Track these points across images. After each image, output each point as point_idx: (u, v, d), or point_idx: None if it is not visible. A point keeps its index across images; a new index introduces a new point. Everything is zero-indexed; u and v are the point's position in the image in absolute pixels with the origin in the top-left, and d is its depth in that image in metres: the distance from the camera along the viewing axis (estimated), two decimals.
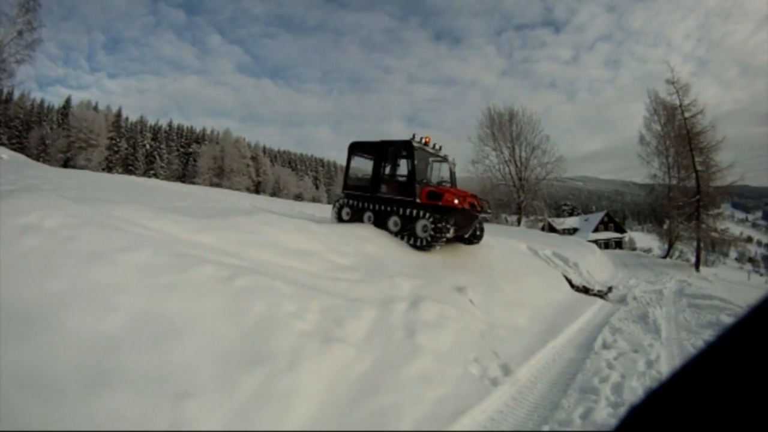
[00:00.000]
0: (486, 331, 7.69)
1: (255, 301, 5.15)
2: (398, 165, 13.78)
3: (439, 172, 14.31)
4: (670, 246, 35.30)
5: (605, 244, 60.72)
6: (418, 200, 12.14)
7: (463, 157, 37.39)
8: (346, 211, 14.03)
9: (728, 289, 20.81)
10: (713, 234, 32.61)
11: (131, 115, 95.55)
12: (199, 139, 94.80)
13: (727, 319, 10.88)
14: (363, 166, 14.33)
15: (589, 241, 38.37)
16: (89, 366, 3.54)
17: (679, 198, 32.81)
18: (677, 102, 33.85)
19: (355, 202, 13.67)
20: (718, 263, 65.27)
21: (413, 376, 5.32)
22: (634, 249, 62.02)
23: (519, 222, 41.76)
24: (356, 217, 13.51)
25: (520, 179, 41.47)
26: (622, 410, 4.77)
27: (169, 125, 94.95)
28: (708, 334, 9.83)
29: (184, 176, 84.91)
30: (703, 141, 32.42)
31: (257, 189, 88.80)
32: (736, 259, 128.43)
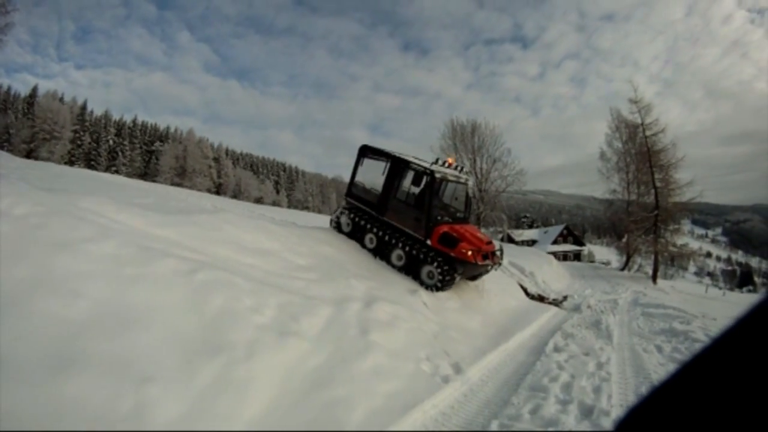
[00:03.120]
0: (438, 332, 8.34)
1: (215, 294, 5.59)
2: (414, 192, 12.74)
3: (453, 192, 13.69)
4: (628, 259, 37.32)
5: (564, 256, 62.82)
6: (429, 242, 11.53)
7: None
8: (346, 221, 13.29)
9: (684, 300, 22.08)
10: (672, 248, 35.14)
11: (96, 109, 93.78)
12: (163, 137, 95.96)
13: (680, 327, 11.85)
14: (372, 174, 13.44)
15: (548, 252, 39.84)
16: (56, 350, 3.88)
17: (637, 213, 35.12)
18: (639, 121, 36.16)
19: (358, 218, 12.88)
20: (677, 277, 68.02)
21: (366, 371, 5.79)
22: (593, 261, 63.80)
23: None
24: (357, 235, 12.88)
25: (480, 190, 42.70)
26: (571, 407, 5.35)
27: (134, 122, 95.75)
28: (660, 341, 10.81)
29: (146, 174, 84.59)
30: (663, 159, 34.78)
31: (218, 191, 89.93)
32: (695, 273, 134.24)
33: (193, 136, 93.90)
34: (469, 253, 11.07)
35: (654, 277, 34.18)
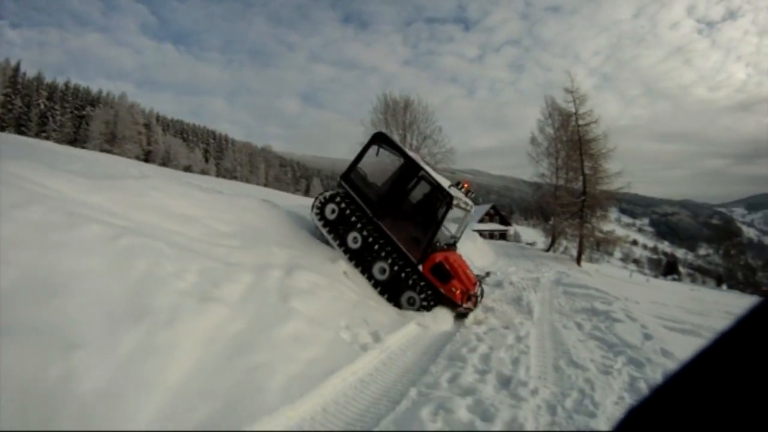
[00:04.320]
0: (358, 302, 8.78)
1: (138, 260, 5.75)
2: (422, 207, 12.28)
3: (457, 217, 13.20)
4: (553, 240, 39.15)
5: (490, 235, 64.63)
6: (420, 267, 10.81)
7: (354, 140, 38.55)
8: (332, 208, 11.92)
9: (607, 283, 23.40)
10: (597, 234, 37.53)
11: (29, 71, 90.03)
12: (95, 101, 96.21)
13: (601, 307, 12.65)
14: (378, 168, 12.78)
15: (474, 230, 40.58)
16: None
17: (565, 197, 37.58)
18: (573, 110, 38.42)
19: (347, 207, 11.71)
20: (602, 261, 70.79)
21: (286, 337, 6.09)
22: (519, 242, 65.50)
23: None
24: (341, 227, 11.71)
25: None
26: (489, 377, 5.65)
27: (66, 85, 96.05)
28: (580, 318, 11.65)
29: (76, 140, 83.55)
30: (594, 148, 37.26)
31: (147, 158, 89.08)
32: (620, 259, 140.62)
33: (125, 101, 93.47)
34: (458, 293, 10.67)
35: (578, 260, 36.02)
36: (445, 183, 11.74)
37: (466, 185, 12.51)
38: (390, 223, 11.32)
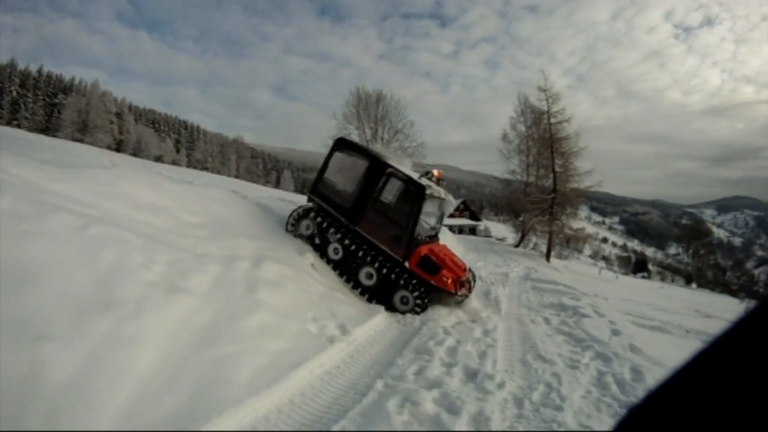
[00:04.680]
0: (325, 294, 8.90)
1: (106, 250, 5.80)
2: (396, 204, 11.97)
3: (432, 208, 12.99)
4: (523, 236, 39.78)
5: (459, 230, 65.11)
6: (407, 264, 10.83)
7: (326, 134, 38.69)
8: (306, 224, 11.80)
9: (576, 279, 23.71)
10: (567, 231, 38.18)
11: (2, 57, 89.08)
12: (67, 89, 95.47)
13: (569, 302, 12.88)
14: (346, 174, 12.29)
15: (444, 225, 40.88)
16: None
17: (535, 194, 38.79)
18: (546, 108, 38.72)
19: (323, 221, 11.58)
20: (571, 258, 71.75)
21: (253, 328, 6.19)
22: (489, 237, 65.95)
23: None
24: (319, 241, 11.51)
25: None
26: (456, 370, 5.71)
27: (39, 72, 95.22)
28: (548, 313, 11.83)
29: (47, 128, 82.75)
30: (565, 146, 37.76)
31: (119, 148, 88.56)
32: (590, 256, 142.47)
33: (97, 89, 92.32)
34: (450, 281, 10.71)
35: (547, 256, 36.55)
36: (414, 175, 11.68)
37: (437, 174, 12.60)
38: (367, 227, 11.24)
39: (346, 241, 11.11)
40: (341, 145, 12.35)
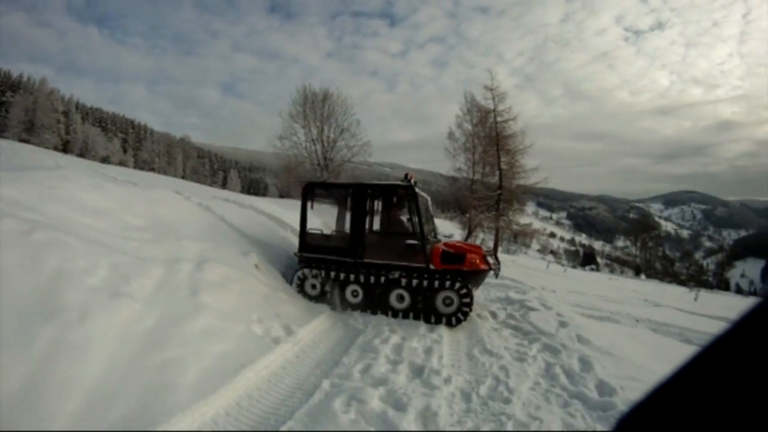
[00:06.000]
0: (269, 294, 9.11)
1: (50, 256, 5.89)
2: (395, 217, 12.09)
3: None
4: (470, 232, 39.93)
5: None
6: (431, 266, 10.64)
7: (272, 132, 38.85)
8: (311, 284, 11.19)
9: (524, 273, 24.33)
10: (514, 226, 38.82)
11: None
12: (15, 86, 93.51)
13: (516, 296, 13.33)
14: (330, 215, 12.48)
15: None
16: None
17: (481, 191, 40.15)
18: (492, 107, 39.71)
19: (326, 272, 11.12)
20: (519, 253, 72.68)
21: (197, 332, 6.38)
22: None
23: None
24: (332, 292, 11.01)
25: (325, 159, 46.37)
26: (402, 367, 5.86)
27: None
28: (495, 307, 12.27)
29: None
30: (511, 144, 39.01)
31: (65, 148, 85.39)
32: (538, 250, 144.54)
33: (45, 86, 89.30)
34: (479, 260, 10.84)
35: (495, 251, 36.75)
36: (392, 182, 11.87)
37: (411, 177, 12.06)
38: (375, 252, 11.11)
39: (357, 277, 10.82)
40: (312, 190, 12.07)
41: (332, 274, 11.00)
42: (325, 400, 5.60)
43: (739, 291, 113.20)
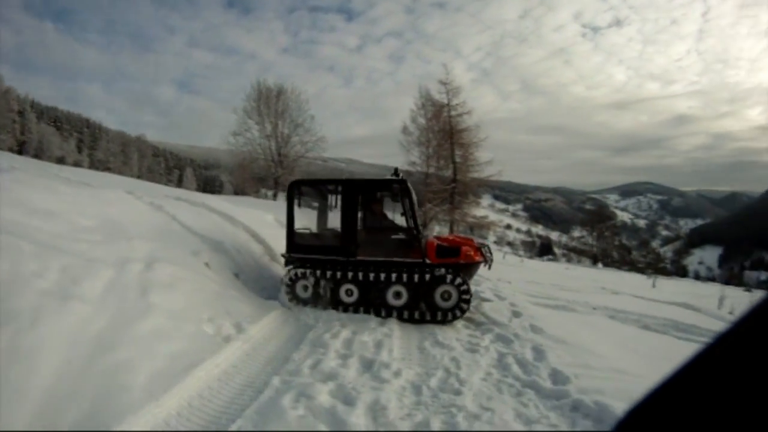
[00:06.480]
0: (220, 292, 9.26)
1: (1, 260, 6.00)
2: (389, 212, 11.93)
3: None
4: (425, 225, 40.17)
5: None
6: (427, 260, 10.54)
7: (226, 129, 39.10)
8: (303, 285, 10.86)
9: None
10: (470, 219, 39.16)
11: None
12: None
13: (473, 287, 12.77)
14: (319, 214, 12.36)
15: None
16: None
17: (435, 184, 40.97)
18: (446, 101, 40.64)
19: (319, 271, 10.79)
20: None
21: (147, 333, 6.50)
22: None
23: (275, 196, 44.84)
24: (326, 294, 10.75)
25: (279, 155, 47.43)
26: (351, 361, 6.00)
27: None
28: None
29: None
30: (465, 137, 40.09)
31: (21, 149, 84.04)
32: (494, 242, 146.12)
33: (1, 85, 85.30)
34: (473, 253, 10.93)
35: None
36: (383, 177, 11.97)
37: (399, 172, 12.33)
38: (369, 250, 10.94)
39: (351, 275, 10.60)
40: (299, 187, 11.75)
41: (324, 273, 10.70)
42: (274, 397, 5.69)
43: (697, 277, 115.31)
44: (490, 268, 11.80)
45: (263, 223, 17.47)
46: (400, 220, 11.26)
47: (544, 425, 5.58)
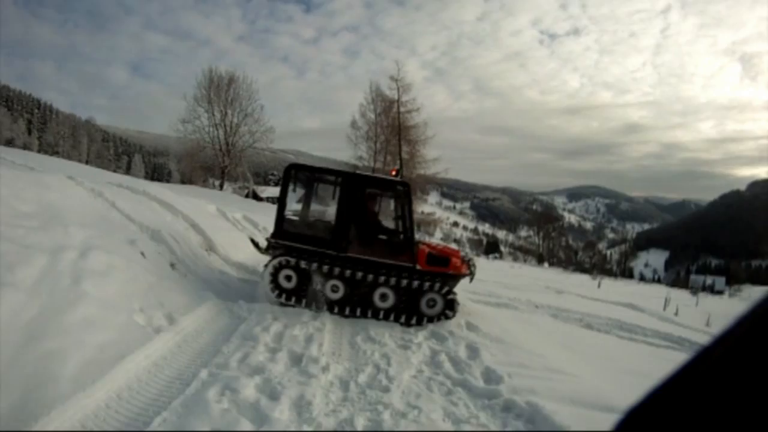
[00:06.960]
0: (155, 283, 9.29)
1: None
2: (382, 211, 12.04)
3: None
4: None
5: None
6: (418, 266, 10.47)
7: (177, 116, 38.70)
8: (286, 274, 10.41)
9: None
10: (416, 215, 38.26)
11: None
12: None
13: None
14: (314, 202, 12.15)
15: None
16: None
17: None
18: (396, 97, 41.56)
19: (307, 263, 10.43)
20: None
21: (77, 322, 6.56)
22: None
23: (221, 186, 44.70)
24: (312, 287, 10.37)
25: (227, 144, 45.80)
26: (280, 355, 6.14)
27: None
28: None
29: None
30: (413, 134, 41.26)
31: None
32: (441, 239, 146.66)
33: None
34: (461, 265, 10.96)
35: None
36: (384, 176, 12.06)
37: (394, 172, 12.17)
38: (360, 248, 10.75)
39: (339, 271, 10.28)
40: (296, 172, 11.49)
41: (312, 265, 10.36)
42: (200, 390, 5.72)
43: (642, 279, 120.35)
44: (471, 281, 11.83)
45: (205, 214, 17.48)
46: (390, 222, 11.65)
47: (473, 425, 5.76)
